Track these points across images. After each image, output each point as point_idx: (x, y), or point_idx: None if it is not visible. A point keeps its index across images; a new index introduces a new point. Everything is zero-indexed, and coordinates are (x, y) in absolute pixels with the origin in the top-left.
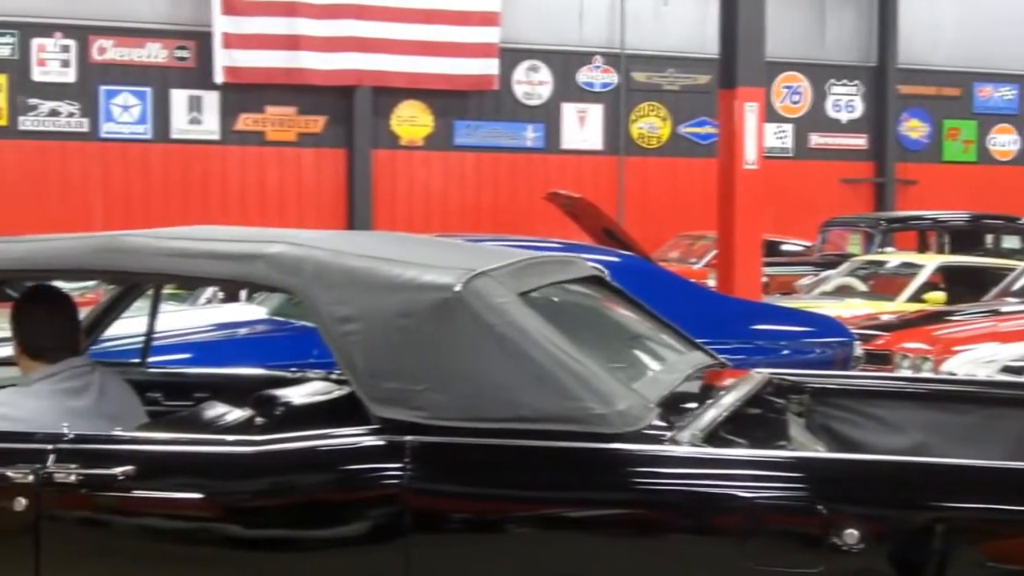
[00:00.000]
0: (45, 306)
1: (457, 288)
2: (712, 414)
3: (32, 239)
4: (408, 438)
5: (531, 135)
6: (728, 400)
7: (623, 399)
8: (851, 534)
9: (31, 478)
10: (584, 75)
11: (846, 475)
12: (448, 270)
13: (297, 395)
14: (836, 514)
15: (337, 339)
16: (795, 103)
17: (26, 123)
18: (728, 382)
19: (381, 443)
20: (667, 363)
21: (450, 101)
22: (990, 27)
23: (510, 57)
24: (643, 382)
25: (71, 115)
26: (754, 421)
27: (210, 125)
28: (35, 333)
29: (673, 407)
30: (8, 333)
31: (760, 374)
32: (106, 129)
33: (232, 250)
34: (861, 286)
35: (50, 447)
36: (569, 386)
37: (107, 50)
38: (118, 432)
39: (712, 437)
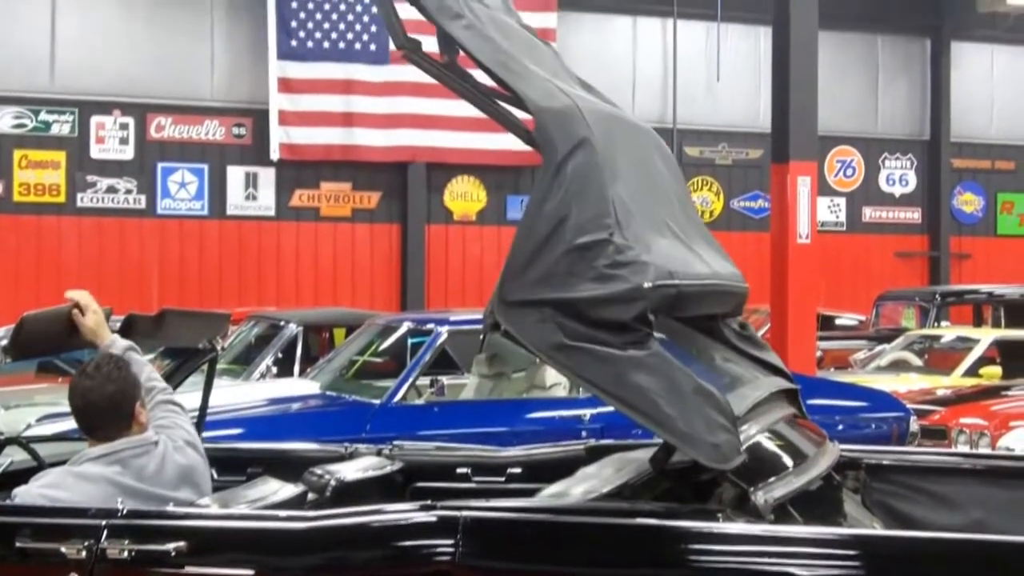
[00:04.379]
0: (99, 383)
1: (646, 286)
2: (785, 488)
3: None
4: (462, 513)
5: None
6: (804, 476)
7: (719, 433)
8: None
9: (84, 554)
10: None
11: (903, 553)
12: (651, 264)
13: (349, 471)
14: None
15: (528, 226)
16: (848, 177)
17: (84, 200)
18: (808, 447)
19: (432, 519)
20: (753, 381)
21: (503, 176)
22: None
23: None
24: (732, 395)
25: (129, 192)
26: (815, 496)
27: (266, 201)
28: (89, 411)
29: (755, 455)
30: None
31: (835, 447)
32: (163, 205)
33: (541, 88)
34: (916, 360)
35: (103, 523)
36: (671, 397)
37: (165, 127)
38: (171, 508)
39: (779, 508)
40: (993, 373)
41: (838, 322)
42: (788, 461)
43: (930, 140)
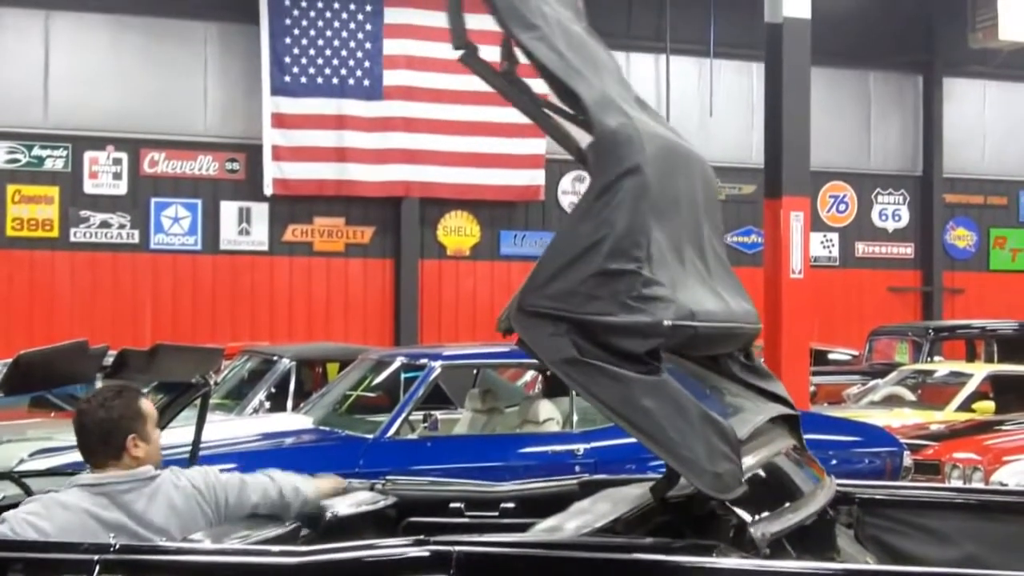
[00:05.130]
0: (92, 409)
1: (666, 324)
2: (782, 523)
3: None
4: (456, 548)
5: None
6: (801, 512)
7: (721, 462)
8: None
9: None
10: None
11: None
12: (675, 302)
13: (342, 506)
14: None
15: (561, 240)
16: (841, 212)
17: (78, 235)
18: (806, 482)
19: (426, 554)
20: (755, 406)
21: (497, 211)
22: None
23: (556, 168)
24: (734, 420)
25: (122, 227)
26: (809, 530)
27: (259, 236)
28: (81, 435)
29: (755, 487)
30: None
31: (832, 482)
32: (157, 240)
33: (604, 105)
34: (910, 395)
35: (96, 558)
36: (679, 425)
37: (158, 163)
38: (163, 543)
39: (774, 542)
40: (986, 408)
41: (831, 357)
42: (786, 495)
43: (922, 175)
